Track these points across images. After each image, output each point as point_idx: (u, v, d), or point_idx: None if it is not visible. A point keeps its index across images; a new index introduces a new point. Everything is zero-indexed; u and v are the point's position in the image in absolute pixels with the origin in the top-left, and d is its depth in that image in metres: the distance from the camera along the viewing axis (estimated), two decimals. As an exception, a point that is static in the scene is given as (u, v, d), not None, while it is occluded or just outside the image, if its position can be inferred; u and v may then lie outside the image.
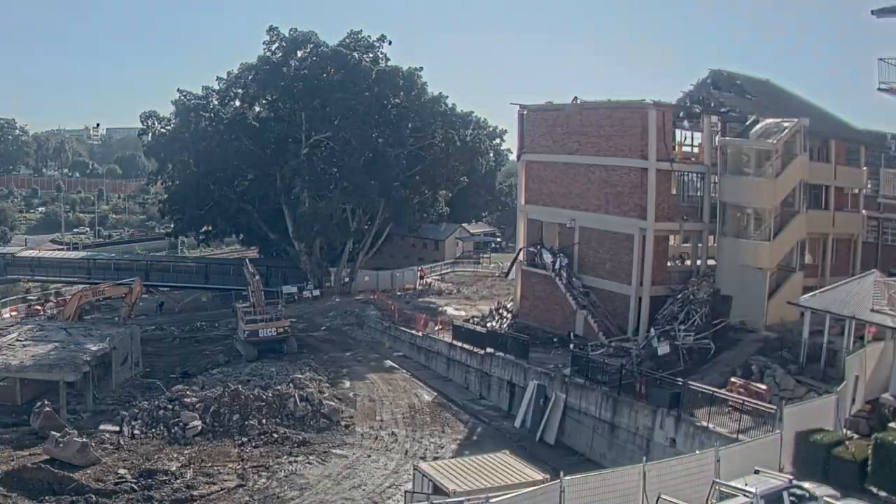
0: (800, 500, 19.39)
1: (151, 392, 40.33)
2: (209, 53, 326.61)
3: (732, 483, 19.29)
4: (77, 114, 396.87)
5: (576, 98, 46.00)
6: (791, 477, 20.36)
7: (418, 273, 73.79)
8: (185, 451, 31.79)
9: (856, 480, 21.66)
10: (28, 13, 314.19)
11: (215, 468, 30.15)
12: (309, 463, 30.91)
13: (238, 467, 30.39)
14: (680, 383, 29.74)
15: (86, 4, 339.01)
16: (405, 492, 24.98)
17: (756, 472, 19.97)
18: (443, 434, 34.84)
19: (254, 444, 32.82)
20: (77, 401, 38.71)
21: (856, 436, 23.93)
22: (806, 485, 20.17)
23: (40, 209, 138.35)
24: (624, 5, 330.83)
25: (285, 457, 31.46)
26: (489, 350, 40.62)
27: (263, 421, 34.49)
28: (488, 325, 48.44)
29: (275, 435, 33.52)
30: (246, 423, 34.35)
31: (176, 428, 33.93)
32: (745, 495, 18.67)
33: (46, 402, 35.13)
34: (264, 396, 36.08)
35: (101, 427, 34.36)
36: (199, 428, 33.93)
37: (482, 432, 35.50)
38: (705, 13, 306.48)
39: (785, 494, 19.10)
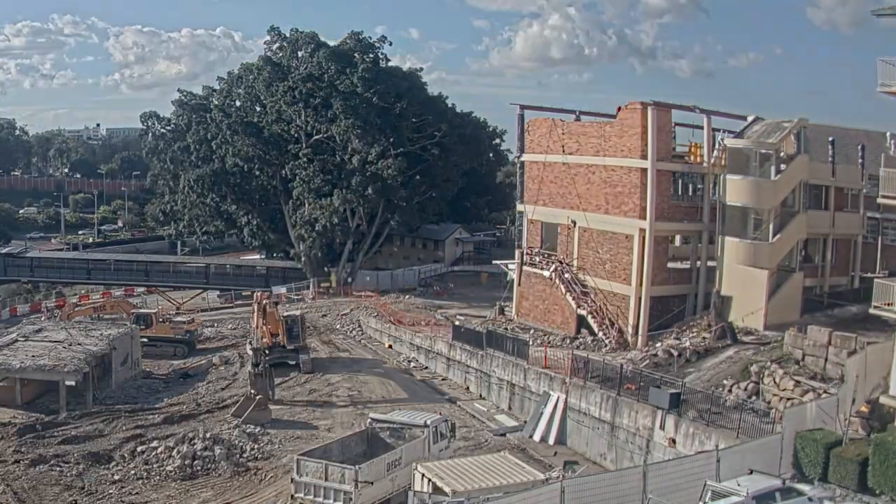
0: (793, 501, 19.39)
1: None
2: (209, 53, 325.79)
3: (724, 484, 19.31)
4: (77, 114, 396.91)
5: (578, 116, 47.05)
6: (784, 478, 20.38)
7: None
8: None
9: (856, 480, 21.65)
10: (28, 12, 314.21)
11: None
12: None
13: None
14: (680, 383, 29.75)
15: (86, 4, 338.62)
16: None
17: (750, 472, 19.96)
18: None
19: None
20: (77, 401, 38.69)
21: (856, 436, 23.93)
22: (799, 486, 20.18)
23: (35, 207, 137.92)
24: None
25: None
26: (489, 350, 40.56)
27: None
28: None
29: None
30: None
31: None
32: (736, 496, 18.68)
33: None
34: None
35: None
36: None
37: (482, 433, 35.44)
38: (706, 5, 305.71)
39: (777, 495, 19.10)
